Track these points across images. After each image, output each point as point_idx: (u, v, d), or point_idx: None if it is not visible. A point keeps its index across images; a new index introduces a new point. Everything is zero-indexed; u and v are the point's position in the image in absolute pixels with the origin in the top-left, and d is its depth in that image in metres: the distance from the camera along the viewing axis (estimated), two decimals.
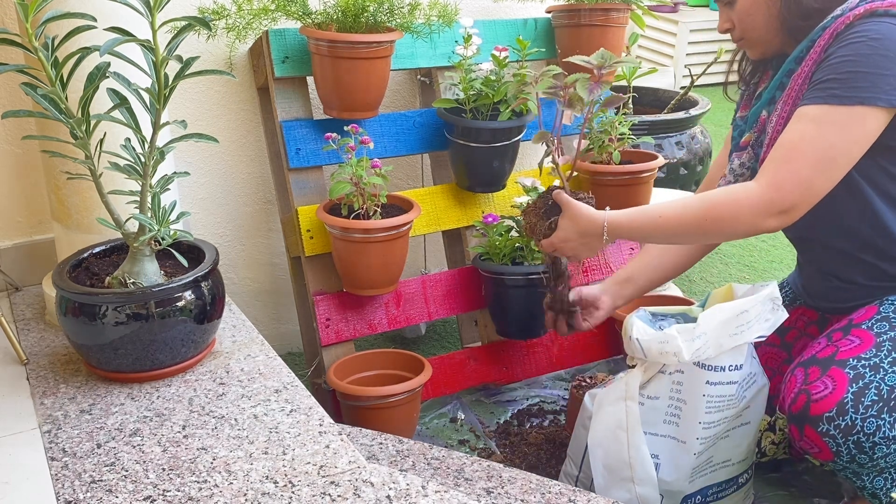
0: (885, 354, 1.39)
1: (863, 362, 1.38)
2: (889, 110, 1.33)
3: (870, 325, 1.44)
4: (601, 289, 1.78)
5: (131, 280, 1.54)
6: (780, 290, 1.74)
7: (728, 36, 1.59)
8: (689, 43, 5.54)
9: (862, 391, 1.35)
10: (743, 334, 1.42)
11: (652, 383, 1.48)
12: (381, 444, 1.62)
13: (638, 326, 1.46)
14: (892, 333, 1.42)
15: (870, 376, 1.36)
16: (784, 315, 1.44)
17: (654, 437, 1.49)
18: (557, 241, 1.55)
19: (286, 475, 1.30)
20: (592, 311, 1.76)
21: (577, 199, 1.56)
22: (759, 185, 1.37)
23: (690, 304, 1.94)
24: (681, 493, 1.51)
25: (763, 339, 1.44)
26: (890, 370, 1.37)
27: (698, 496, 1.53)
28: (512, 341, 2.14)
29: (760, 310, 1.42)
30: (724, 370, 1.43)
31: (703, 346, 1.39)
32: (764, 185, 1.36)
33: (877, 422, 1.34)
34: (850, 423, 1.34)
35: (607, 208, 1.51)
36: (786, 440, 1.72)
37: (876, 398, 1.34)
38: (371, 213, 1.84)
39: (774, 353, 1.71)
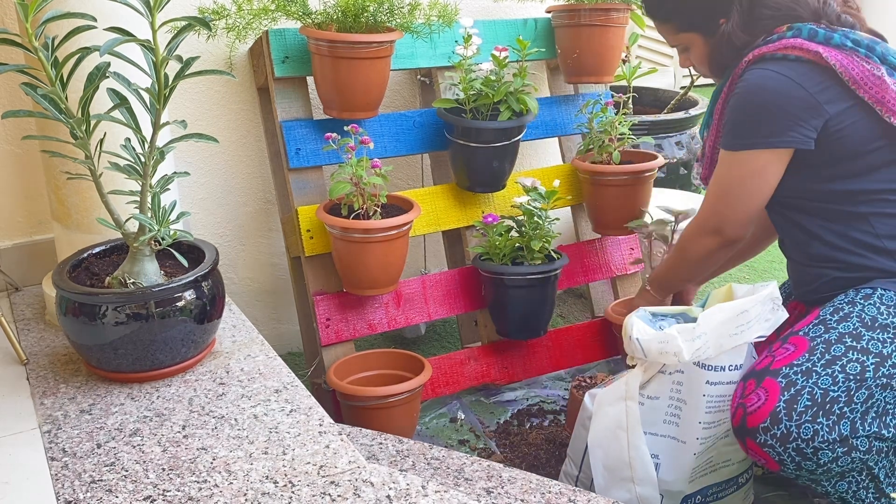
0: (817, 358, 1.40)
1: (795, 369, 1.40)
2: (774, 150, 1.51)
3: (807, 330, 1.47)
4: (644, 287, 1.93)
5: (131, 280, 1.54)
6: (780, 289, 1.74)
7: None
8: None
9: (794, 398, 1.37)
10: (743, 334, 1.42)
11: (652, 383, 1.48)
12: (381, 444, 1.62)
13: (638, 326, 1.46)
14: (827, 335, 1.43)
15: (802, 382, 1.38)
16: (784, 315, 1.45)
17: (654, 437, 1.49)
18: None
19: (286, 475, 1.30)
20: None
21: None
22: (693, 218, 1.70)
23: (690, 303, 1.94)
24: (681, 493, 1.51)
25: (763, 338, 1.44)
26: (823, 373, 1.39)
27: (698, 496, 1.53)
28: (512, 341, 2.14)
29: (760, 310, 1.42)
30: (724, 370, 1.43)
31: (703, 346, 1.39)
32: (699, 214, 1.67)
33: (813, 426, 1.36)
34: (785, 432, 1.36)
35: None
36: None
37: (809, 403, 1.36)
38: (371, 213, 1.84)
39: None
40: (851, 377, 1.39)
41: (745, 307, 1.41)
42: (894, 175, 1.51)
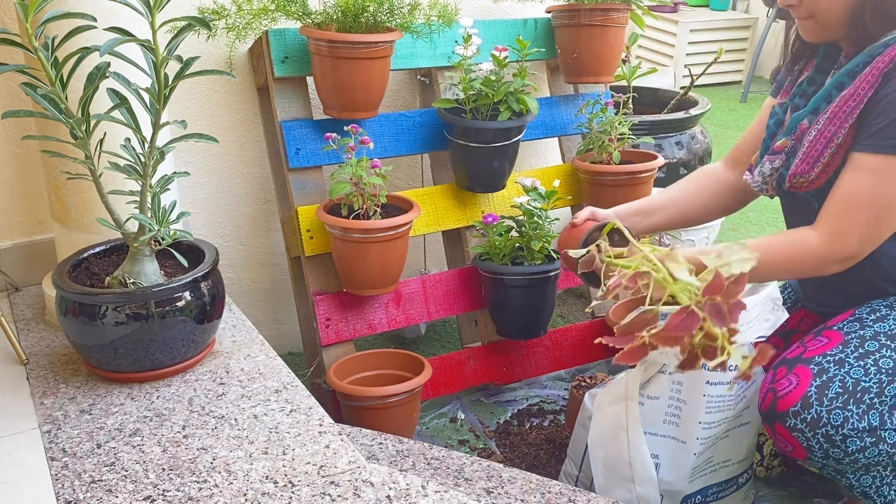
0: (851, 350, 1.40)
1: (828, 358, 1.39)
2: None
3: (841, 325, 1.45)
4: (615, 213, 1.73)
5: (131, 280, 1.54)
6: (782, 292, 1.74)
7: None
8: (688, 43, 5.54)
9: (826, 384, 1.36)
10: (743, 334, 1.42)
11: (652, 383, 1.48)
12: (381, 444, 1.62)
13: None
14: (862, 332, 1.43)
15: (834, 370, 1.37)
16: (784, 315, 1.45)
17: (654, 437, 1.49)
18: None
19: (286, 475, 1.30)
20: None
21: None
22: (821, 235, 1.39)
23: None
24: (681, 492, 1.51)
25: (763, 338, 1.44)
26: (856, 364, 1.38)
27: (698, 496, 1.53)
28: (512, 341, 2.14)
29: (761, 310, 1.42)
30: (724, 370, 1.43)
31: None
32: (825, 237, 1.39)
33: (843, 413, 1.34)
34: (815, 416, 1.34)
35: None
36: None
37: (840, 390, 1.35)
38: (371, 213, 1.84)
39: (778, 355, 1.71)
40: (884, 370, 1.39)
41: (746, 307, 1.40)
42: None
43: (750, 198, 1.74)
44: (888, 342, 1.41)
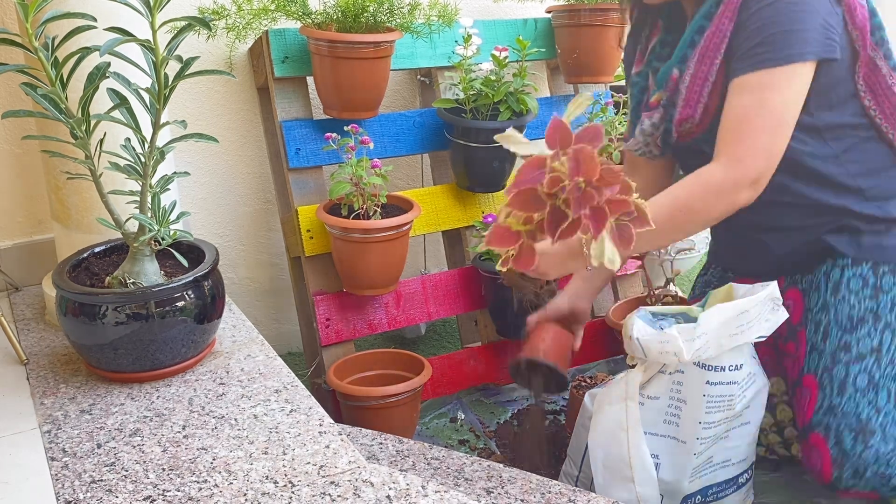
0: (829, 392, 1.44)
1: (821, 414, 1.44)
2: (814, 62, 1.35)
3: (808, 366, 1.49)
4: (572, 297, 1.69)
5: (131, 280, 1.54)
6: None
7: None
8: None
9: (839, 440, 1.40)
10: (743, 334, 1.42)
11: (652, 383, 1.48)
12: (381, 444, 1.62)
13: (638, 326, 1.46)
14: (823, 362, 1.47)
15: (834, 423, 1.42)
16: (784, 315, 1.44)
17: (653, 437, 1.49)
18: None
19: (286, 475, 1.30)
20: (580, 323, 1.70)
21: None
22: (721, 164, 1.37)
23: (687, 301, 1.94)
24: (681, 492, 1.51)
25: (763, 338, 1.44)
26: (843, 403, 1.42)
27: (698, 496, 1.53)
28: (512, 341, 2.14)
29: (761, 310, 1.42)
30: (724, 370, 1.43)
31: (704, 347, 1.39)
32: (726, 164, 1.36)
33: (869, 451, 1.38)
34: (853, 470, 1.38)
35: None
36: (787, 442, 1.72)
37: (853, 435, 1.40)
38: (371, 213, 1.84)
39: (768, 351, 1.71)
40: (865, 390, 1.43)
41: (746, 307, 1.41)
42: (847, 113, 1.46)
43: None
44: (847, 357, 1.45)
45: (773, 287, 1.42)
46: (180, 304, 1.53)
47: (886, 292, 1.45)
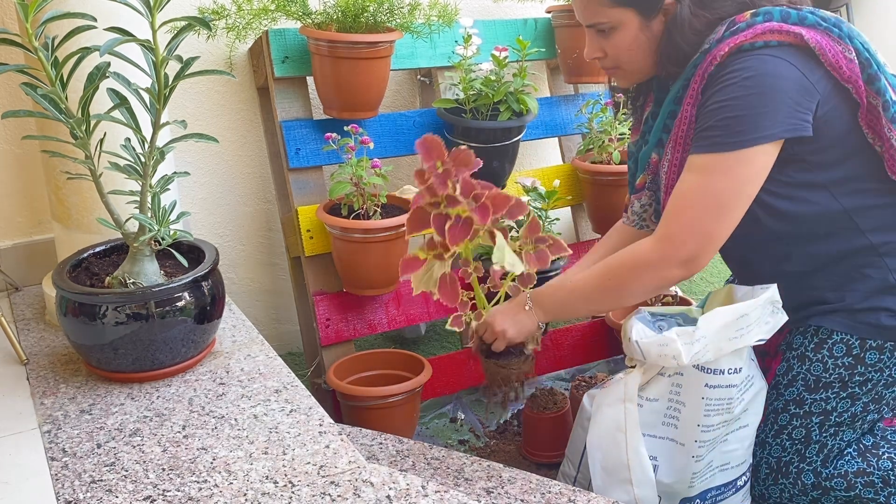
0: (768, 428, 1.53)
1: (757, 442, 1.55)
2: (776, 143, 1.32)
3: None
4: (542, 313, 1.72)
5: (131, 280, 1.54)
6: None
7: None
8: None
9: (757, 468, 1.55)
10: (743, 338, 1.41)
11: (651, 385, 1.48)
12: (381, 444, 1.62)
13: (637, 329, 1.46)
14: (775, 403, 1.52)
15: (759, 454, 1.54)
16: (784, 318, 1.44)
17: (652, 439, 1.49)
18: (491, 321, 1.51)
19: (286, 475, 1.30)
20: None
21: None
22: (654, 239, 1.37)
23: (690, 303, 1.94)
24: (679, 495, 1.51)
25: (763, 342, 1.44)
26: (774, 444, 1.53)
27: (697, 500, 1.53)
28: None
29: (760, 313, 1.42)
30: (723, 373, 1.43)
31: (703, 350, 1.39)
32: (658, 240, 1.36)
33: (777, 487, 1.52)
34: (758, 495, 1.54)
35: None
36: None
37: (768, 471, 1.53)
38: (371, 213, 1.84)
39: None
40: (797, 441, 1.50)
41: (746, 311, 1.40)
42: (861, 163, 1.40)
43: None
44: (797, 410, 1.49)
45: (772, 290, 1.42)
46: (180, 304, 1.53)
47: (867, 366, 1.44)
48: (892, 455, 1.49)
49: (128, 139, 1.50)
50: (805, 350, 1.48)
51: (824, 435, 1.49)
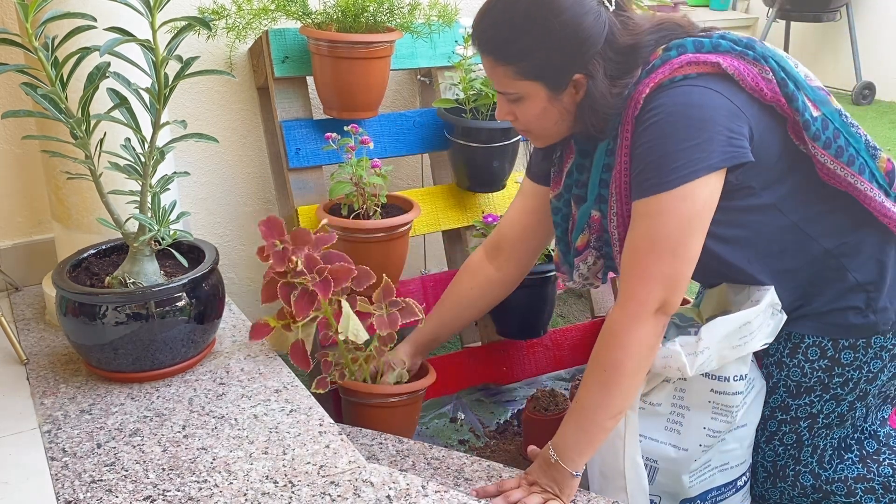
0: (759, 435, 1.54)
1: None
2: (718, 173, 1.27)
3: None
4: (410, 352, 1.80)
5: (131, 280, 1.54)
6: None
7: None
8: None
9: (754, 472, 1.56)
10: (747, 345, 1.41)
11: (654, 391, 1.48)
12: (381, 444, 1.62)
13: None
14: (764, 412, 1.52)
15: (755, 457, 1.56)
16: (783, 317, 1.44)
17: (654, 443, 1.48)
18: (531, 479, 1.41)
19: (286, 475, 1.30)
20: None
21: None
22: (619, 304, 1.33)
23: (688, 302, 1.94)
24: (679, 496, 1.51)
25: (767, 345, 1.43)
26: (766, 449, 1.54)
27: (698, 500, 1.53)
28: (512, 341, 2.14)
29: (762, 319, 1.41)
30: (728, 380, 1.42)
31: (707, 361, 1.38)
32: (621, 302, 1.32)
33: (776, 490, 1.53)
34: (758, 497, 1.56)
35: None
36: None
37: (766, 475, 1.54)
38: (371, 213, 1.84)
39: None
40: (790, 445, 1.51)
41: (748, 318, 1.39)
42: (801, 174, 1.37)
43: (518, 281, 1.75)
44: (784, 416, 1.50)
45: (771, 293, 1.41)
46: (180, 304, 1.53)
47: (843, 366, 1.43)
48: (893, 461, 1.49)
49: (128, 139, 1.50)
50: (781, 356, 1.48)
51: (815, 437, 1.49)
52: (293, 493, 1.25)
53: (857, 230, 1.40)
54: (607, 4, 1.32)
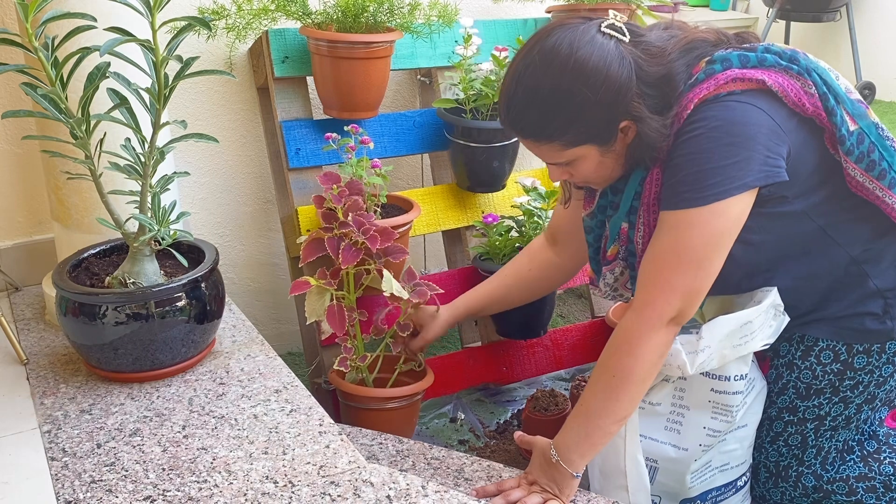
0: (764, 435, 1.55)
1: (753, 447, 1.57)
2: (751, 191, 1.27)
3: None
4: (450, 312, 1.81)
5: (131, 280, 1.54)
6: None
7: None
8: None
9: (756, 472, 1.56)
10: (747, 345, 1.41)
11: (654, 391, 1.48)
12: (381, 444, 1.62)
13: None
14: (769, 411, 1.52)
15: (757, 457, 1.56)
16: (786, 319, 1.44)
17: (654, 443, 1.48)
18: (531, 479, 1.40)
19: (286, 475, 1.30)
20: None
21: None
22: (634, 309, 1.33)
23: None
24: (679, 496, 1.51)
25: (767, 346, 1.43)
26: (770, 449, 1.54)
27: (698, 500, 1.53)
28: (512, 341, 2.14)
29: (764, 319, 1.41)
30: (728, 380, 1.42)
31: (708, 359, 1.38)
32: (637, 308, 1.32)
33: (778, 490, 1.53)
34: (759, 497, 1.55)
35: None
36: None
37: (768, 475, 1.54)
38: (371, 214, 1.84)
39: None
40: (794, 446, 1.51)
41: (749, 318, 1.39)
42: (835, 183, 1.36)
43: (576, 269, 1.75)
44: (791, 417, 1.49)
45: (773, 294, 1.41)
46: (180, 304, 1.53)
47: (855, 370, 1.43)
48: (894, 460, 1.49)
49: (128, 139, 1.50)
50: (792, 358, 1.47)
51: (821, 439, 1.49)
52: (293, 493, 1.25)
53: (881, 238, 1.40)
54: (622, 38, 1.29)
